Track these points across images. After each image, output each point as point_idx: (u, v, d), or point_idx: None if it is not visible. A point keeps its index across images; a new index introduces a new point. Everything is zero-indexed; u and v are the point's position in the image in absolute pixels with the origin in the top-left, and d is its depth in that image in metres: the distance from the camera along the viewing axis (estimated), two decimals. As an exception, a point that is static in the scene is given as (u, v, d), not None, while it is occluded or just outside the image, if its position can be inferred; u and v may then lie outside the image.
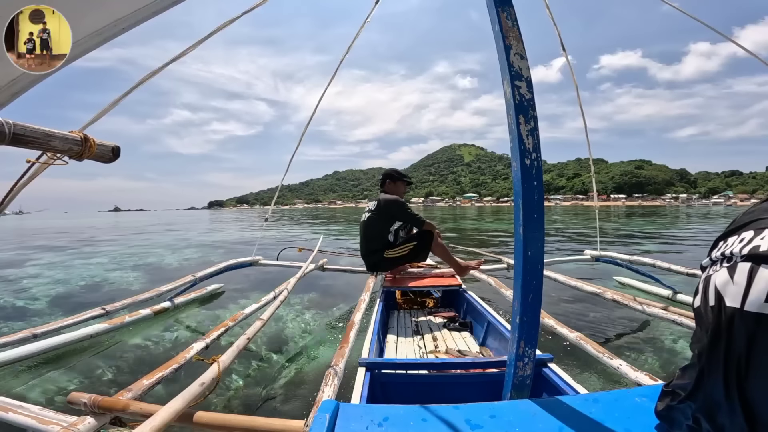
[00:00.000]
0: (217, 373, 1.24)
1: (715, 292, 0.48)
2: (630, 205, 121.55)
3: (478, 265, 3.13)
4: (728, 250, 0.48)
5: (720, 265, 0.49)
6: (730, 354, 0.44)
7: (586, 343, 1.66)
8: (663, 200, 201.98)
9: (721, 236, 0.53)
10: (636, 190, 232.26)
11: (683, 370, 0.55)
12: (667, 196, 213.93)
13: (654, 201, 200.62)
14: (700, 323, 0.51)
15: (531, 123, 0.89)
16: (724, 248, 0.49)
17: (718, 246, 0.52)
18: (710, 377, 0.47)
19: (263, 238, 6.90)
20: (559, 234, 10.77)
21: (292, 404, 1.77)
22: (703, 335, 0.50)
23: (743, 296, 0.43)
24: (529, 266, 0.90)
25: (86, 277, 5.21)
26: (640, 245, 7.96)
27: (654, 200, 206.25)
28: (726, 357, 0.44)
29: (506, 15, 0.92)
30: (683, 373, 0.54)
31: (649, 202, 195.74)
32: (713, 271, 0.50)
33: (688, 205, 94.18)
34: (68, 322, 2.29)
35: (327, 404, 0.79)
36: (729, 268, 0.47)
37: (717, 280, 0.48)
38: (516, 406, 0.81)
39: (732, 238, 0.49)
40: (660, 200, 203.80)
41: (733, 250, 0.47)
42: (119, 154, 0.74)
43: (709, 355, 0.48)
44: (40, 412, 1.24)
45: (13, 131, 0.63)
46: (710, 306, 0.48)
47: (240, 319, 2.28)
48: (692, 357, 0.53)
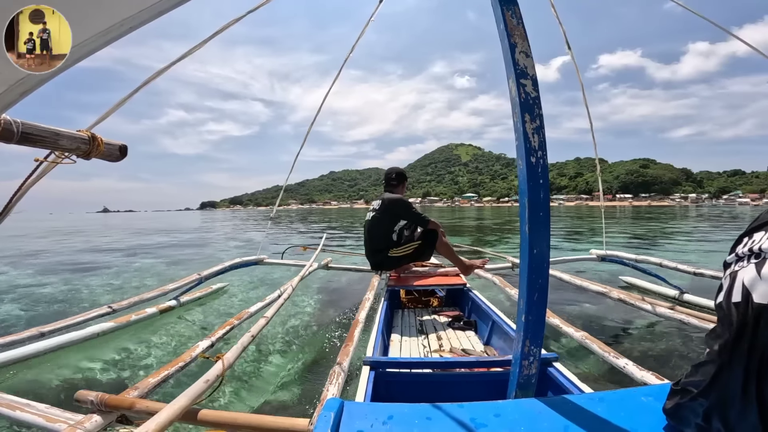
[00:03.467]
0: (222, 370, 1.25)
1: (742, 288, 0.47)
2: (637, 206, 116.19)
3: (483, 264, 3.12)
4: (756, 246, 0.47)
5: (747, 261, 0.48)
6: (754, 350, 0.43)
7: (591, 343, 1.65)
8: (672, 200, 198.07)
9: (745, 232, 0.52)
10: (642, 190, 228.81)
11: (696, 367, 0.54)
12: (676, 196, 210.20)
13: (662, 201, 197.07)
14: (723, 319, 0.50)
15: (537, 121, 0.88)
16: (751, 244, 0.49)
17: (743, 242, 0.51)
18: (730, 373, 0.47)
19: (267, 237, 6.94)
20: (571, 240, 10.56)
21: (296, 402, 1.78)
22: (725, 331, 0.49)
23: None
24: (535, 265, 0.89)
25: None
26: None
27: (662, 200, 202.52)
28: (749, 353, 0.44)
29: (511, 13, 0.92)
30: (696, 371, 0.54)
31: (657, 202, 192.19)
32: (739, 267, 0.49)
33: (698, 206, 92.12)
34: (75, 321, 2.31)
35: (332, 402, 0.79)
36: (757, 264, 0.46)
37: (744, 277, 0.47)
38: (521, 405, 0.81)
39: (759, 234, 0.49)
40: (668, 200, 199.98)
41: (762, 246, 0.46)
42: (126, 152, 0.75)
43: (731, 350, 0.47)
44: (48, 410, 1.25)
45: (21, 130, 0.64)
46: (734, 302, 0.47)
47: (245, 317, 2.29)
48: (707, 354, 0.52)
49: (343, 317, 3.04)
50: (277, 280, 4.42)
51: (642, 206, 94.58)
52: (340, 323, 2.89)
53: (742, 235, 0.52)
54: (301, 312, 3.21)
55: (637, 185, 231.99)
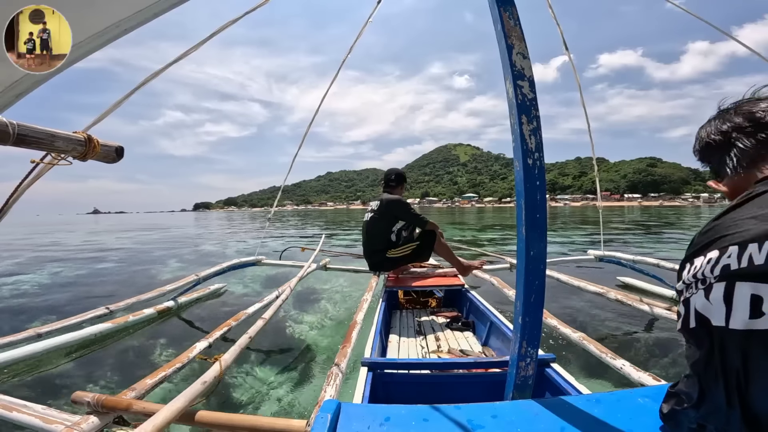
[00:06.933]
0: (219, 371, 1.24)
1: (695, 315, 0.48)
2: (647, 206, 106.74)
3: (481, 264, 3.13)
4: (699, 272, 0.48)
5: (695, 288, 0.49)
6: (727, 369, 0.44)
7: (589, 343, 1.66)
8: (684, 200, 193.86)
9: (685, 259, 0.53)
10: (651, 189, 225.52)
11: (686, 377, 0.55)
12: (687, 196, 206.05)
13: (673, 201, 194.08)
14: (689, 342, 0.51)
15: (533, 123, 0.88)
16: (694, 271, 0.50)
17: (686, 268, 0.52)
18: (710, 391, 0.48)
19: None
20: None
21: (294, 403, 1.77)
22: (694, 353, 0.50)
23: (726, 316, 0.44)
24: (532, 266, 0.89)
25: None
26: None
27: (673, 200, 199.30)
28: (724, 372, 0.45)
29: (508, 14, 0.92)
30: (686, 380, 0.54)
31: (668, 202, 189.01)
32: (690, 294, 0.50)
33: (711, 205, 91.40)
34: (72, 322, 2.30)
35: (329, 404, 0.79)
36: (705, 290, 0.47)
37: (696, 304, 0.48)
38: (518, 407, 0.81)
39: (698, 260, 0.49)
40: (680, 200, 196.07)
41: (704, 272, 0.47)
42: (123, 154, 0.74)
43: (705, 371, 0.48)
44: (44, 411, 1.25)
45: (17, 132, 0.63)
46: (692, 328, 0.49)
47: (242, 318, 2.29)
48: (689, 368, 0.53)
49: (341, 318, 3.04)
50: (275, 281, 4.41)
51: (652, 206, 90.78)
52: (337, 324, 2.88)
53: (684, 261, 0.53)
54: (299, 313, 3.20)
55: (645, 185, 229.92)
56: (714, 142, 0.63)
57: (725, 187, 0.63)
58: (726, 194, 0.62)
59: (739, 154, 0.59)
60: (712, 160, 0.65)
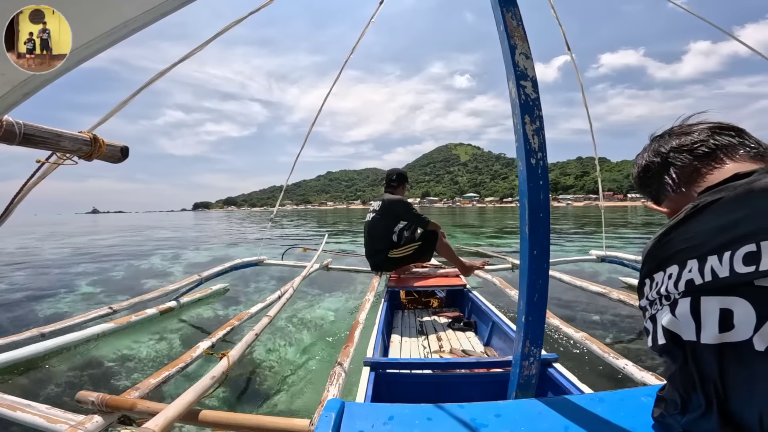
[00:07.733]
0: (227, 367, 1.25)
1: (664, 332, 0.47)
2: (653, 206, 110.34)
3: (483, 265, 3.13)
4: (662, 288, 0.48)
5: (660, 304, 0.48)
6: (704, 381, 0.44)
7: (591, 343, 1.66)
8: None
9: (645, 275, 0.52)
10: None
11: (669, 382, 0.55)
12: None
13: None
14: (662, 357, 0.51)
15: (536, 122, 0.89)
16: (656, 287, 0.49)
17: (646, 284, 0.52)
18: (691, 401, 0.48)
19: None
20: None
21: (297, 403, 1.78)
22: (670, 366, 0.50)
23: (696, 330, 0.43)
24: (535, 265, 0.89)
25: None
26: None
27: None
28: (702, 383, 0.44)
29: (511, 15, 0.92)
30: (669, 387, 0.54)
31: None
32: (655, 310, 0.50)
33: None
34: (75, 321, 2.31)
35: (332, 403, 0.79)
36: (671, 306, 0.46)
37: (663, 321, 0.48)
38: (521, 406, 0.81)
39: (658, 276, 0.49)
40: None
41: (667, 288, 0.47)
42: (128, 153, 0.75)
43: (682, 383, 0.48)
44: (48, 411, 1.25)
45: (23, 131, 0.64)
46: (662, 344, 0.48)
47: (245, 318, 2.29)
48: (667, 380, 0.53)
49: (344, 318, 3.04)
50: (278, 281, 4.42)
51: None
52: (340, 324, 2.89)
53: (642, 278, 0.53)
54: (302, 313, 3.21)
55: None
56: (653, 164, 0.64)
57: (666, 208, 0.63)
58: (667, 215, 0.62)
59: (678, 171, 0.60)
60: (651, 184, 0.66)
